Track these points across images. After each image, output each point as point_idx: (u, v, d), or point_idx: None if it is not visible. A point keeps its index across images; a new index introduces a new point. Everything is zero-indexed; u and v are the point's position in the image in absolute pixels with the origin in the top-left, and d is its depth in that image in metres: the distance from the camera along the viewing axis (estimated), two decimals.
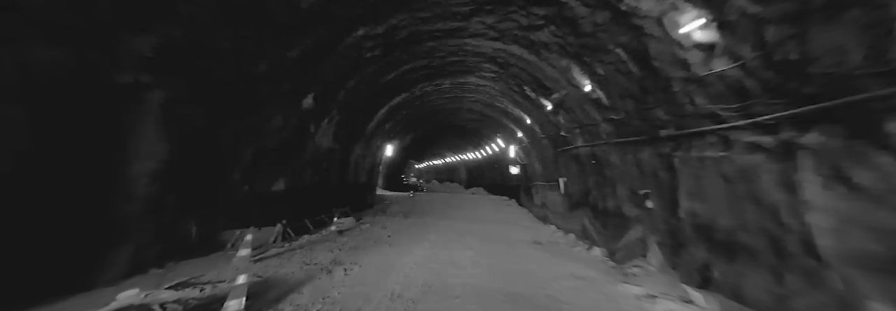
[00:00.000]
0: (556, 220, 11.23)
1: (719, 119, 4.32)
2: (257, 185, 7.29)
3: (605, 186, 8.62)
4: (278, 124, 7.29)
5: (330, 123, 9.45)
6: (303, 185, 8.92)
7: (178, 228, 5.69)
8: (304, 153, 8.70)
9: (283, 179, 8.00)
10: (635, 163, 6.85)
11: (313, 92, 7.80)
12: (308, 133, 8.53)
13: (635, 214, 7.00)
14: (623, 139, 7.06)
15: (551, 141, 12.75)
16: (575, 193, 11.25)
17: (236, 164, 6.65)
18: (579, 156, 10.19)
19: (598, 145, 8.48)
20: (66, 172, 3.98)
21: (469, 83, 13.39)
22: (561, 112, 10.21)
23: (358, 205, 13.39)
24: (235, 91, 6.02)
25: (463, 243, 7.63)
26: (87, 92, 4.04)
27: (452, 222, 11.09)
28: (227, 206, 6.59)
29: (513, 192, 21.06)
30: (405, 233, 8.66)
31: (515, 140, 18.18)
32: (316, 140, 9.01)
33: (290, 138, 7.82)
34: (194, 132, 5.52)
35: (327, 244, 7.19)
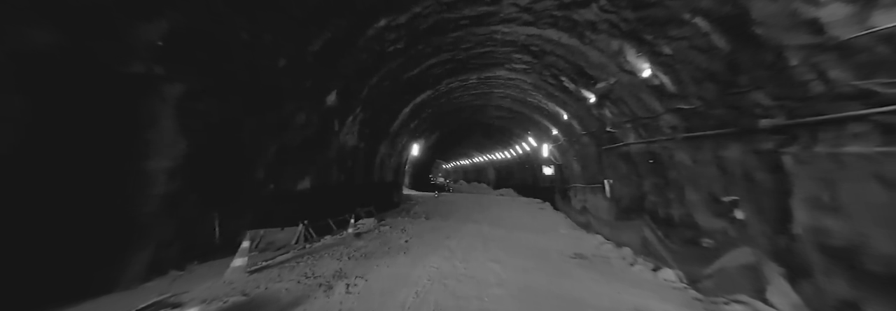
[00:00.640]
0: (601, 228, 9.88)
1: (874, 100, 3.02)
2: (282, 183, 6.86)
3: (667, 190, 7.25)
4: (301, 121, 6.77)
5: (354, 121, 8.82)
6: (328, 183, 8.39)
7: (200, 227, 5.30)
8: (328, 151, 8.13)
9: (308, 177, 7.50)
10: (715, 162, 5.51)
11: (336, 88, 7.19)
12: (332, 131, 7.96)
13: (716, 226, 5.64)
14: (697, 133, 5.73)
15: (593, 138, 11.38)
16: (625, 197, 9.85)
17: (259, 161, 6.22)
18: (630, 154, 8.82)
19: (659, 141, 7.13)
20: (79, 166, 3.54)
21: (497, 77, 12.32)
22: (607, 104, 8.89)
23: (383, 204, 12.76)
24: (256, 86, 5.56)
25: (488, 254, 6.51)
26: (98, 82, 3.55)
27: (477, 227, 9.88)
28: (251, 205, 6.25)
29: (546, 194, 19.64)
30: (424, 238, 7.67)
31: (549, 138, 16.81)
32: (340, 138, 8.42)
33: (314, 136, 7.31)
34: (214, 128, 5.12)
35: (340, 249, 6.46)
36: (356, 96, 8.24)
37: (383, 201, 13.08)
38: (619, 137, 9.26)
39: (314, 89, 6.73)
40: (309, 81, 6.34)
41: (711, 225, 5.78)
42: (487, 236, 8.36)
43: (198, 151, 4.77)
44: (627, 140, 8.70)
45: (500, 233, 9.01)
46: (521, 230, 9.94)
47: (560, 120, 13.59)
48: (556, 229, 10.95)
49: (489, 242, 7.59)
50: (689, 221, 6.39)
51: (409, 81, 10.21)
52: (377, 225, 8.57)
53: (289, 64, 5.78)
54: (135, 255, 4.06)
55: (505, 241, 7.92)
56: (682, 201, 6.69)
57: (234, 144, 5.55)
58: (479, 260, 5.98)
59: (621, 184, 10.07)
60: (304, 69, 6.20)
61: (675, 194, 6.98)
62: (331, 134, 7.90)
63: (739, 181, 5.04)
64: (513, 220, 12.28)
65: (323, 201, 7.99)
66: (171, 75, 4.05)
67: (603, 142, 10.71)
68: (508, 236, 8.73)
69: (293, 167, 6.88)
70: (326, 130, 7.69)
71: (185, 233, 4.93)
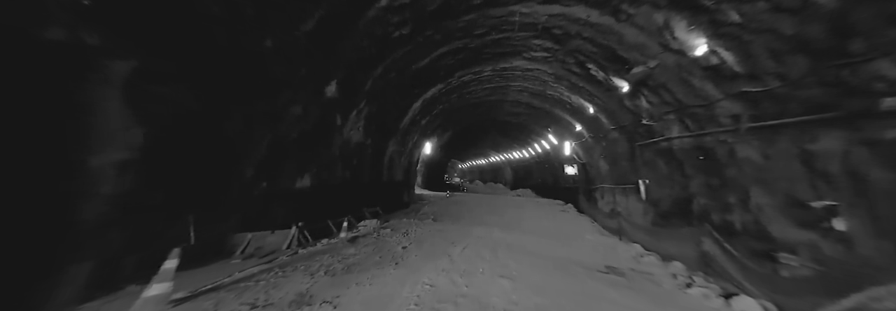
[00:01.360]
0: (636, 235, 8.68)
1: None
2: (277, 181, 6.11)
3: (724, 191, 6.07)
4: (297, 113, 6.00)
5: (358, 116, 8.04)
6: (331, 182, 7.63)
7: (168, 232, 4.49)
8: (331, 148, 7.38)
9: (307, 175, 6.75)
10: (799, 157, 4.34)
11: (336, 79, 6.40)
12: (334, 126, 7.20)
13: (799, 238, 4.46)
14: (772, 122, 4.57)
15: (625, 133, 10.17)
16: (664, 199, 8.64)
17: (249, 157, 5.47)
18: (672, 151, 7.63)
19: (713, 134, 5.96)
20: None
21: (514, 69, 11.29)
22: (643, 93, 7.73)
23: (392, 204, 11.97)
24: (238, 71, 4.75)
25: (497, 266, 5.20)
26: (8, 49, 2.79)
27: (488, 231, 8.55)
28: (239, 205, 5.49)
29: (568, 195, 18.38)
30: (426, 244, 6.57)
31: (572, 135, 15.60)
32: (344, 134, 7.65)
33: (314, 131, 6.54)
34: (186, 117, 4.29)
35: (323, 259, 5.37)
36: (360, 89, 7.45)
37: (392, 200, 12.30)
38: (658, 130, 8.07)
39: (311, 78, 5.94)
40: (303, 68, 5.56)
41: (791, 237, 4.59)
42: (499, 242, 7.15)
43: (162, 143, 3.99)
44: (669, 134, 7.51)
45: (515, 239, 7.72)
46: (539, 236, 8.65)
47: (585, 114, 12.40)
48: (580, 234, 9.73)
49: (500, 250, 6.38)
50: (758, 230, 5.21)
51: (418, 74, 9.36)
52: (378, 227, 7.65)
53: (278, 46, 4.99)
54: (70, 269, 3.32)
55: (519, 249, 6.62)
56: (747, 205, 5.51)
57: (215, 137, 4.80)
58: (486, 275, 4.73)
59: (660, 185, 8.86)
60: (298, 53, 5.41)
61: (735, 196, 5.79)
62: (333, 129, 7.14)
63: (839, 181, 3.87)
64: (530, 223, 11.00)
65: (324, 200, 7.23)
66: (114, 49, 3.31)
67: (637, 137, 9.50)
68: (524, 242, 7.49)
69: (290, 164, 6.15)
70: (328, 125, 6.92)
71: (147, 240, 4.16)
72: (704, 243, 5.50)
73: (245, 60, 4.78)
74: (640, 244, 7.78)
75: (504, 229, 9.13)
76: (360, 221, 7.74)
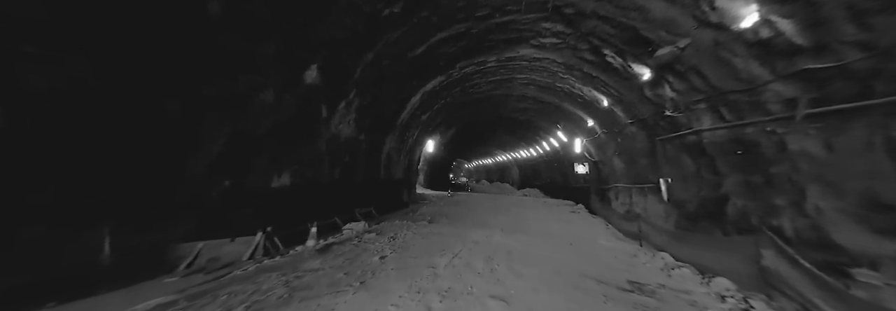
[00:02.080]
0: (660, 240, 7.75)
1: None
2: (246, 180, 5.29)
3: (769, 192, 5.15)
4: (268, 101, 5.17)
5: (348, 109, 7.27)
6: (318, 180, 6.85)
7: (61, 245, 3.53)
8: (315, 143, 6.60)
9: (287, 172, 5.96)
10: (885, 148, 3.42)
11: (316, 62, 5.60)
12: (319, 118, 6.42)
13: (881, 250, 3.54)
14: (846, 105, 3.66)
15: (644, 127, 9.25)
16: (690, 200, 7.70)
17: (201, 151, 4.61)
18: (702, 145, 6.70)
19: (757, 124, 5.04)
20: None
21: (520, 58, 10.42)
22: (668, 80, 6.82)
23: (390, 204, 11.20)
24: (167, 40, 3.81)
25: (491, 282, 4.19)
26: None
27: (488, 234, 7.58)
28: (188, 209, 4.57)
29: (579, 195, 17.44)
30: (411, 252, 5.59)
31: (583, 131, 14.66)
32: (331, 127, 6.88)
33: (292, 122, 5.73)
34: (83, 96, 3.41)
35: (270, 279, 4.20)
36: (347, 76, 6.68)
37: (390, 200, 11.55)
38: (685, 122, 7.14)
39: (282, 58, 5.10)
40: (271, 44, 4.74)
41: (869, 248, 3.68)
42: (498, 248, 6.15)
43: (39, 127, 3.13)
44: (699, 126, 6.59)
45: (517, 244, 6.69)
46: (546, 241, 7.46)
47: (598, 108, 11.48)
48: (594, 239, 8.79)
49: (499, 259, 5.34)
50: (818, 238, 4.29)
51: (415, 63, 8.57)
52: (364, 231, 6.76)
53: (227, 11, 4.06)
54: None
55: (522, 258, 5.58)
56: (801, 208, 4.59)
57: (144, 125, 3.90)
58: (475, 296, 3.68)
59: (685, 184, 7.92)
60: (258, 24, 4.51)
61: (785, 197, 4.87)
62: (317, 122, 6.38)
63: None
64: (536, 225, 9.92)
65: (309, 201, 6.46)
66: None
67: (658, 131, 8.57)
68: (528, 249, 6.40)
69: (263, 160, 5.37)
70: (310, 117, 6.17)
71: (17, 258, 3.16)
72: (765, 256, 4.43)
73: (178, 28, 3.86)
74: (667, 253, 6.81)
75: (506, 231, 8.24)
76: (347, 223, 6.95)
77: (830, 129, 4.00)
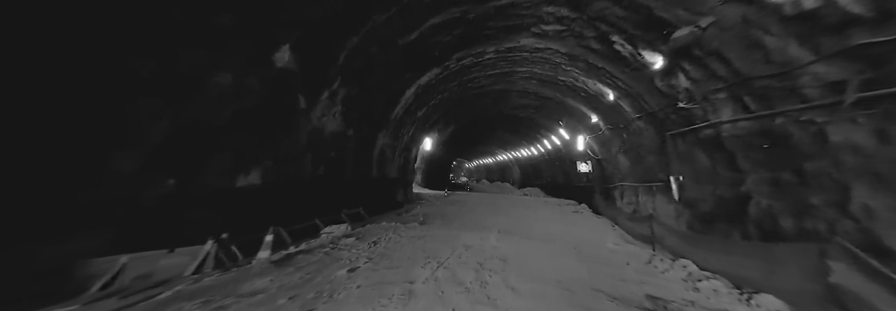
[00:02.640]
0: (673, 243, 7.10)
1: None
2: (199, 178, 4.55)
3: (802, 190, 4.54)
4: (225, 85, 4.39)
5: (333, 99, 6.65)
6: (298, 178, 6.17)
7: None
8: (294, 136, 5.95)
9: (257, 169, 5.26)
10: None
11: (288, 42, 4.95)
12: (296, 108, 5.77)
13: None
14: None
15: (653, 122, 8.64)
16: (704, 199, 7.10)
17: (130, 143, 3.79)
18: (720, 139, 6.09)
19: (791, 113, 4.43)
20: None
21: (521, 49, 9.81)
22: (683, 68, 6.21)
23: (382, 204, 10.57)
24: None
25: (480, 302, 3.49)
26: None
27: (482, 237, 6.86)
28: (108, 213, 3.71)
29: (581, 194, 16.84)
30: (389, 261, 4.84)
31: (586, 127, 14.06)
32: (313, 120, 6.26)
33: (260, 112, 4.93)
34: None
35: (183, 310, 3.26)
36: (329, 62, 6.06)
37: (383, 200, 10.95)
38: (700, 115, 6.53)
39: (243, 34, 4.30)
40: (227, 14, 4.01)
41: None
42: (492, 254, 5.49)
43: None
44: (717, 118, 5.98)
45: (515, 249, 6.01)
46: (547, 244, 6.75)
47: (603, 102, 10.87)
48: (601, 242, 8.11)
49: (491, 269, 4.58)
50: (867, 242, 3.67)
51: (408, 52, 7.96)
52: (344, 235, 5.92)
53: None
54: None
55: (519, 267, 4.83)
56: (844, 208, 3.98)
57: (46, 112, 3.10)
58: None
59: (698, 182, 7.31)
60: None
61: (823, 196, 4.26)
62: (294, 113, 5.76)
63: None
64: (536, 226, 9.15)
65: (285, 201, 5.81)
66: None
67: (668, 125, 7.97)
68: (526, 254, 5.71)
69: (224, 155, 4.68)
70: (285, 106, 5.53)
71: None
72: (835, 271, 3.45)
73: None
74: (688, 260, 5.97)
75: (504, 234, 7.56)
76: (329, 225, 6.32)
77: (887, 115, 3.39)
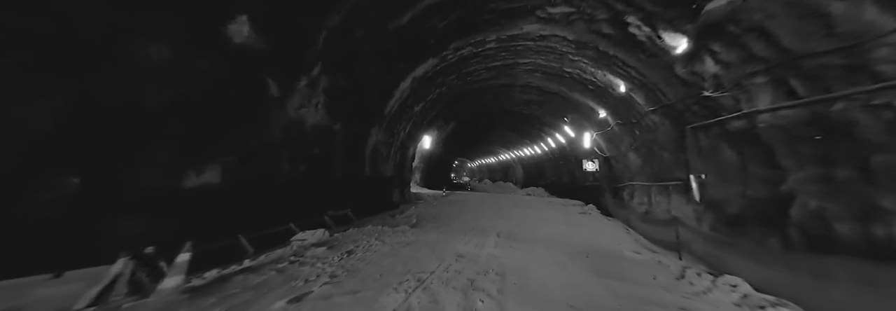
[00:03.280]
0: (706, 251, 6.27)
1: None
2: (126, 176, 3.61)
3: (866, 189, 3.75)
4: (160, 58, 3.57)
5: (313, 88, 5.91)
6: (270, 176, 5.33)
7: None
8: (265, 128, 5.15)
9: (214, 166, 4.40)
10: None
11: (246, 11, 4.15)
12: (267, 96, 4.96)
13: None
14: None
15: (671, 114, 7.84)
16: (731, 200, 6.31)
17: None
18: (755, 131, 5.30)
19: (857, 96, 3.64)
20: None
21: (525, 37, 9.05)
22: (713, 49, 5.42)
23: (375, 205, 9.81)
24: None
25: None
26: None
27: (480, 243, 5.98)
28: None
29: (587, 194, 16.04)
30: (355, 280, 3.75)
31: (593, 124, 13.26)
32: (289, 110, 5.50)
33: (215, 96, 4.02)
34: None
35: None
36: (306, 43, 5.31)
37: (376, 200, 10.20)
38: (728, 105, 5.74)
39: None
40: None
41: None
42: (488, 267, 4.46)
43: None
44: (751, 107, 5.18)
45: (515, 258, 5.00)
46: (553, 252, 5.82)
47: (613, 95, 10.07)
48: (616, 249, 7.21)
49: (485, 288, 3.61)
50: None
51: (400, 38, 7.21)
52: (316, 243, 5.17)
53: None
54: None
55: (520, 285, 3.82)
56: None
57: None
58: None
59: (724, 180, 6.52)
60: None
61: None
62: (265, 101, 4.99)
63: None
64: (541, 229, 8.26)
65: (255, 203, 5.01)
66: None
67: (688, 118, 7.17)
68: (529, 266, 4.66)
69: (164, 148, 3.85)
70: (251, 92, 4.72)
71: None
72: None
73: None
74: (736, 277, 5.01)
75: (504, 238, 6.71)
76: (306, 230, 5.53)
77: None
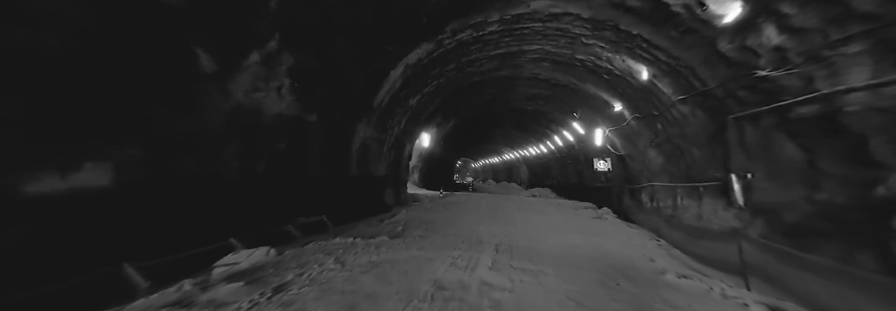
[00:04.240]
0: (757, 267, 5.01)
1: None
2: None
3: None
4: None
5: (271, 67, 4.72)
6: (204, 176, 3.96)
7: None
8: (197, 114, 3.81)
9: (100, 162, 3.01)
10: None
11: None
12: (195, 70, 3.67)
13: None
14: None
15: (705, 104, 6.64)
16: (790, 206, 5.13)
17: None
18: (836, 118, 4.11)
19: None
20: None
21: (531, 17, 7.90)
22: (779, 13, 4.23)
23: (363, 208, 8.66)
24: None
25: None
26: None
27: (470, 263, 4.39)
28: None
29: (598, 196, 14.81)
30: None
31: (606, 119, 12.05)
32: (234, 93, 4.25)
33: (91, 63, 2.65)
34: None
35: None
36: (252, 5, 4.13)
37: (365, 203, 9.08)
38: (793, 86, 4.55)
39: None
40: None
41: None
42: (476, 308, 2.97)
43: None
44: (834, 85, 3.97)
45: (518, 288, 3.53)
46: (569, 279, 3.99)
47: (632, 84, 8.88)
48: (651, 268, 5.19)
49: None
50: None
51: (384, 11, 6.09)
52: (253, 266, 3.75)
53: None
54: None
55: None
56: None
57: None
58: None
59: (780, 181, 5.31)
60: None
61: None
62: (194, 77, 3.73)
63: None
64: (550, 240, 6.56)
65: (174, 212, 3.63)
66: None
67: (730, 106, 5.98)
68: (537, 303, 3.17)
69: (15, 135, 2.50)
70: (166, 64, 3.39)
71: None
72: None
73: None
74: (800, 297, 3.79)
75: (504, 254, 5.08)
76: (251, 247, 4.28)
77: None
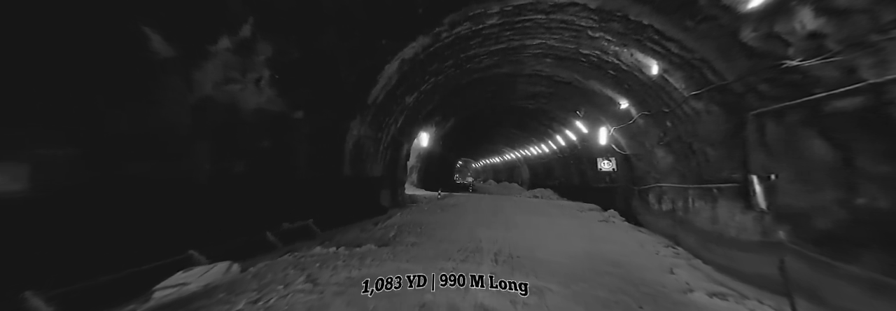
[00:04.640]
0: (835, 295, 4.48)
1: None
2: None
3: None
4: None
5: (245, 56, 4.26)
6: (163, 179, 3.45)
7: None
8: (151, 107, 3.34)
9: (14, 162, 2.58)
10: None
11: None
12: (150, 56, 3.19)
13: None
14: None
15: (722, 99, 6.17)
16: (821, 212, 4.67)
17: None
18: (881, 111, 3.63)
19: None
20: None
21: (534, 8, 7.43)
22: None
23: (358, 211, 8.20)
24: None
25: None
26: None
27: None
28: None
29: (602, 197, 14.34)
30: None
31: (611, 117, 11.57)
32: (201, 84, 3.79)
33: None
34: None
35: None
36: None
37: (359, 205, 8.62)
38: (827, 77, 4.08)
39: None
40: None
41: None
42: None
43: None
44: (883, 74, 3.49)
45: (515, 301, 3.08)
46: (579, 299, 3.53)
47: (640, 80, 8.40)
48: (674, 284, 4.63)
49: None
50: None
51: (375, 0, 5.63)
52: (204, 288, 3.23)
53: None
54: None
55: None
56: None
57: None
58: None
59: (810, 183, 4.83)
60: None
61: None
62: (146, 64, 3.26)
63: None
64: (554, 247, 6.03)
65: (115, 220, 3.05)
66: None
67: (752, 101, 5.50)
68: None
69: None
70: (102, 44, 2.95)
71: None
72: None
73: None
74: None
75: (504, 266, 4.49)
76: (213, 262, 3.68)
77: None
